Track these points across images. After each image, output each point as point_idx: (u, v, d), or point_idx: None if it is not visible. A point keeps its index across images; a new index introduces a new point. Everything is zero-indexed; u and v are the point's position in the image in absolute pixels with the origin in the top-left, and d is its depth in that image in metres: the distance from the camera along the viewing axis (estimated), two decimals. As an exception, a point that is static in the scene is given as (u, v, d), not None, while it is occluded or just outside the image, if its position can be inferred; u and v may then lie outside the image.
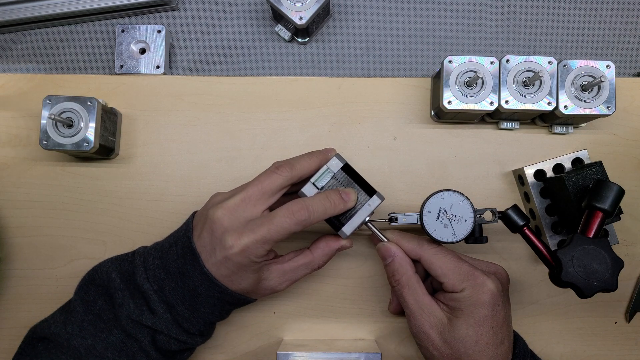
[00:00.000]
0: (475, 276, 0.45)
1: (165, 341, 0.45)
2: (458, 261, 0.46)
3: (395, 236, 0.49)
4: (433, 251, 0.47)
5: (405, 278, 0.47)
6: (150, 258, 0.45)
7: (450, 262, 0.46)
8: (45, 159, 0.57)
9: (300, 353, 0.49)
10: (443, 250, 0.47)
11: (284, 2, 0.59)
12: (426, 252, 0.47)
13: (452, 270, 0.45)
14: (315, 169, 0.47)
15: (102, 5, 0.65)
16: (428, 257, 0.47)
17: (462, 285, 0.45)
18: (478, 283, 0.45)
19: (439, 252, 0.47)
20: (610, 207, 0.46)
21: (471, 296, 0.44)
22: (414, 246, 0.48)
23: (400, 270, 0.47)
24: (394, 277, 0.48)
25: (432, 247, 0.47)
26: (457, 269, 0.46)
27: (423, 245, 0.48)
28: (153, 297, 0.44)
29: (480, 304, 0.44)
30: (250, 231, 0.42)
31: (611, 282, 0.43)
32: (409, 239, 0.48)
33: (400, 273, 0.47)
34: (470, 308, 0.44)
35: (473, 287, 0.45)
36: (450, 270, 0.46)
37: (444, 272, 0.46)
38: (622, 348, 0.56)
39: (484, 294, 0.44)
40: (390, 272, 0.48)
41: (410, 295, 0.47)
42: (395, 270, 0.48)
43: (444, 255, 0.47)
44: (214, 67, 0.66)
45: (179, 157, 0.57)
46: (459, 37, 0.67)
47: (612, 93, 0.51)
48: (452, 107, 0.51)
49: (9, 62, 0.67)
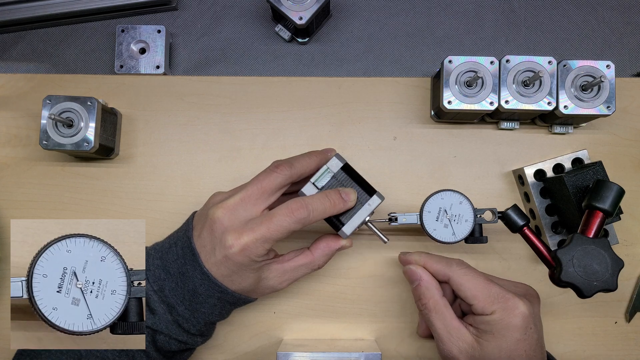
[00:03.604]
0: (506, 298, 0.43)
1: (166, 341, 0.45)
2: (487, 283, 0.44)
3: (422, 258, 0.47)
4: (462, 272, 0.45)
5: (432, 302, 0.46)
6: (150, 258, 0.45)
7: (480, 283, 0.44)
8: (45, 159, 0.57)
9: (300, 353, 0.49)
10: (472, 272, 0.45)
11: (284, 2, 0.59)
12: (455, 273, 0.45)
13: (481, 292, 0.44)
14: (315, 168, 0.47)
15: (102, 5, 0.65)
16: (457, 278, 0.45)
17: (492, 307, 0.43)
18: (509, 306, 0.43)
19: (467, 273, 0.45)
20: (610, 207, 0.46)
21: (502, 319, 0.43)
22: (442, 267, 0.46)
23: (427, 294, 0.46)
24: (420, 301, 0.46)
25: (460, 268, 0.45)
26: (487, 290, 0.44)
27: (452, 266, 0.46)
28: (153, 297, 0.44)
29: (512, 328, 0.42)
30: (250, 230, 0.42)
31: (611, 282, 0.43)
32: (437, 260, 0.47)
33: (427, 297, 0.46)
34: (501, 331, 0.43)
35: (504, 310, 0.43)
36: (479, 292, 0.44)
37: (473, 294, 0.44)
38: (622, 348, 0.56)
39: (515, 317, 0.43)
40: (417, 295, 0.47)
41: (438, 319, 0.45)
42: (422, 294, 0.46)
43: (473, 276, 0.45)
44: (214, 67, 0.66)
45: (179, 157, 0.57)
46: (459, 37, 0.67)
47: (612, 93, 0.51)
48: (452, 107, 0.51)
49: (9, 62, 0.67)
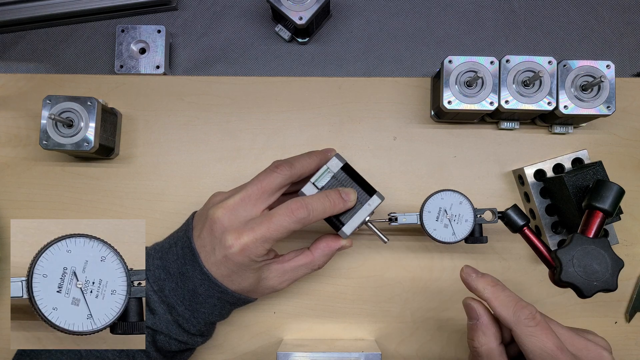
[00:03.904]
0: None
1: (166, 341, 0.45)
2: (558, 352, 0.37)
3: (488, 291, 0.40)
4: (529, 331, 0.38)
5: (485, 349, 0.40)
6: (150, 258, 0.45)
7: (547, 350, 0.37)
8: (45, 159, 0.57)
9: (300, 353, 0.49)
10: (544, 331, 0.38)
11: (284, 2, 0.59)
12: (520, 329, 0.38)
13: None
14: (314, 168, 0.47)
15: (102, 5, 0.65)
16: (522, 336, 0.38)
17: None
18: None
19: (535, 334, 0.38)
20: (610, 207, 0.46)
21: None
22: (508, 315, 0.39)
23: (482, 339, 0.40)
24: (473, 342, 0.41)
25: (529, 325, 0.38)
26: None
27: (519, 319, 0.38)
28: (153, 297, 0.44)
29: None
30: (249, 230, 0.42)
31: (611, 282, 0.43)
32: (505, 303, 0.39)
33: (481, 342, 0.40)
34: None
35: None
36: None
37: (534, 359, 0.38)
38: (622, 348, 0.56)
39: None
40: (470, 334, 0.41)
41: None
42: (476, 336, 0.40)
43: (541, 338, 0.38)
44: (214, 67, 0.66)
45: (179, 157, 0.57)
46: (459, 37, 0.67)
47: (612, 93, 0.51)
48: (452, 107, 0.51)
49: (9, 62, 0.67)
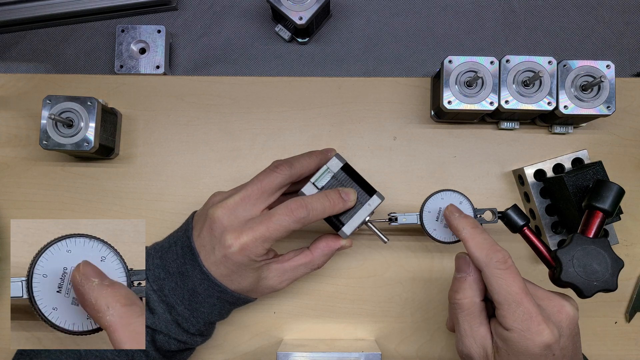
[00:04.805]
0: (532, 322, 0.38)
1: (165, 341, 0.45)
2: (522, 295, 0.38)
3: (467, 232, 0.42)
4: (498, 273, 0.39)
5: (467, 302, 0.41)
6: (150, 258, 0.45)
7: (511, 293, 0.39)
8: (45, 159, 0.57)
9: (300, 353, 0.49)
10: (509, 275, 0.39)
11: (284, 2, 0.59)
12: (490, 270, 0.39)
13: (509, 303, 0.39)
14: (314, 168, 0.47)
15: (102, 5, 0.65)
16: (490, 277, 0.39)
17: (512, 324, 0.38)
18: (532, 331, 0.38)
19: (503, 276, 0.39)
20: (610, 207, 0.46)
21: (519, 342, 0.38)
22: (481, 256, 0.40)
23: (468, 292, 0.42)
24: (456, 295, 0.42)
25: (499, 267, 0.39)
26: (515, 304, 0.38)
27: (491, 260, 0.40)
28: (153, 297, 0.44)
29: (528, 354, 0.38)
30: (249, 229, 0.42)
31: (611, 282, 0.43)
32: (479, 245, 0.41)
33: (467, 295, 0.41)
34: (515, 354, 0.38)
35: (523, 333, 0.38)
36: (506, 302, 0.39)
37: (499, 300, 0.39)
38: (622, 348, 0.56)
39: (534, 345, 0.38)
40: (455, 287, 0.42)
41: (466, 321, 0.42)
42: (462, 289, 0.42)
43: (507, 281, 0.39)
44: (214, 67, 0.66)
45: (179, 157, 0.57)
46: (459, 37, 0.67)
47: (612, 93, 0.51)
48: (452, 107, 0.51)
49: (9, 62, 0.67)
